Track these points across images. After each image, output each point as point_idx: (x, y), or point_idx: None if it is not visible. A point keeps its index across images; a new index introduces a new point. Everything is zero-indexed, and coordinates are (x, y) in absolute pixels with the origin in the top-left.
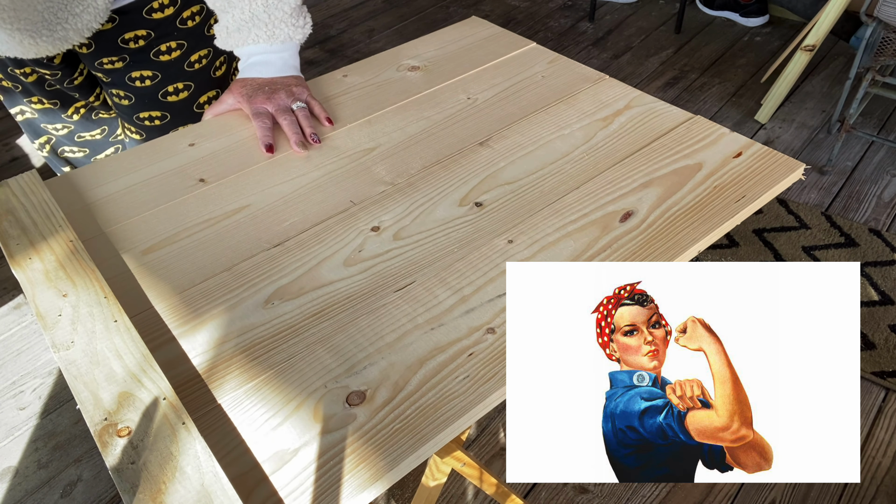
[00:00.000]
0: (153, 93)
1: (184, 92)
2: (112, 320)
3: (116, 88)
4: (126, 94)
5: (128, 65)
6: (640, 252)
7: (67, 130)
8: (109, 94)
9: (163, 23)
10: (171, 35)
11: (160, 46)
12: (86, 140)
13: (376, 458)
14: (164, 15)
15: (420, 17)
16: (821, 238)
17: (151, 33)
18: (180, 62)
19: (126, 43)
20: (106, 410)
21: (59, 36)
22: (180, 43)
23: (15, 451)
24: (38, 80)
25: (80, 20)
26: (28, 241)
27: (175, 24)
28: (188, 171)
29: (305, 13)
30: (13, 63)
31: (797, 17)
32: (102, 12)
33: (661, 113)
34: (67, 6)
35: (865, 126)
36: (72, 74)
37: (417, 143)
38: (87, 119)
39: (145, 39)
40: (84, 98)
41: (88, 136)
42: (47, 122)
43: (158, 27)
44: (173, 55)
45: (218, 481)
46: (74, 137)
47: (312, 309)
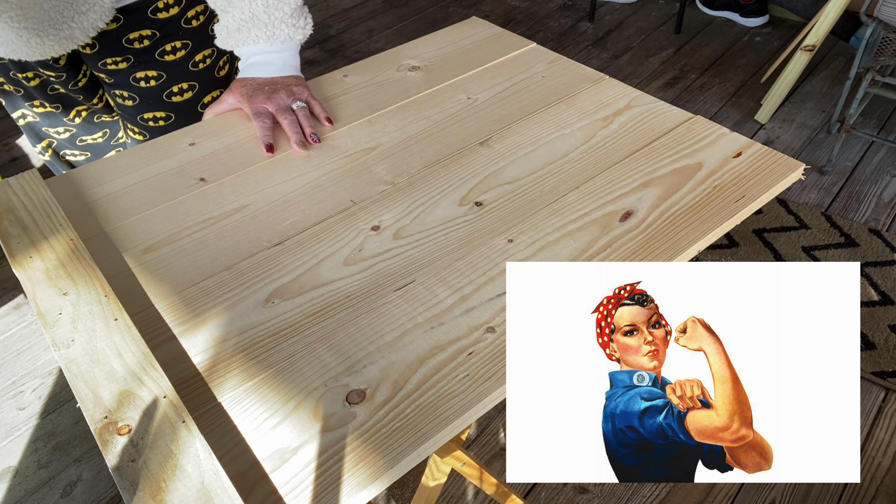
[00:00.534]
0: (158, 93)
1: (188, 92)
2: (112, 319)
3: (120, 89)
4: (130, 95)
5: (132, 65)
6: (639, 252)
7: (69, 134)
8: (113, 95)
9: (168, 22)
10: (175, 35)
11: (165, 46)
12: (87, 143)
13: (376, 456)
14: (170, 14)
15: (420, 17)
16: (821, 238)
17: (156, 33)
18: (185, 62)
19: (131, 43)
20: (106, 409)
21: (65, 35)
22: (185, 43)
23: (15, 451)
24: (41, 83)
25: (86, 19)
26: (29, 239)
27: (180, 24)
28: (188, 170)
29: (306, 14)
30: (16, 66)
31: (797, 17)
32: (108, 11)
33: (661, 113)
34: (73, 5)
35: (865, 126)
36: (76, 76)
37: (417, 142)
38: (88, 122)
39: (150, 39)
40: (87, 101)
41: (90, 140)
42: (49, 126)
43: (163, 27)
44: (178, 55)
45: (218, 479)
46: (76, 141)
47: (312, 308)
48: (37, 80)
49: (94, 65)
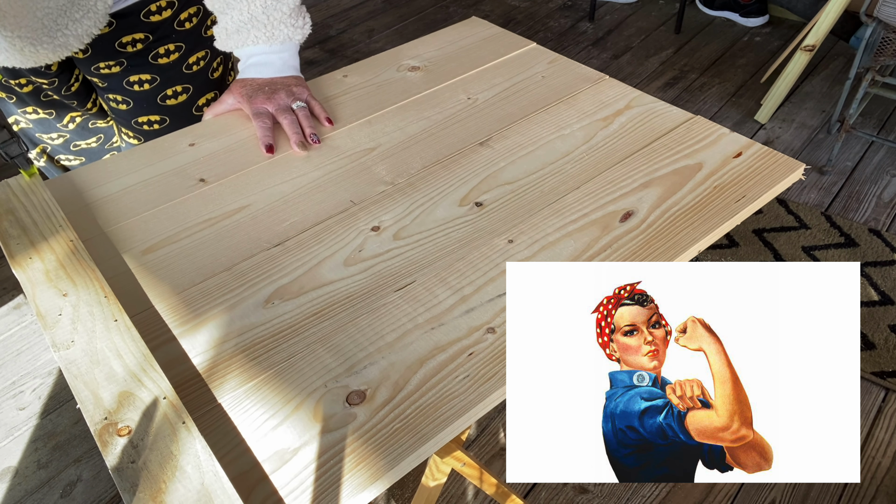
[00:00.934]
0: (152, 96)
1: (183, 95)
2: (112, 320)
3: (114, 93)
4: (124, 99)
5: (126, 69)
6: (640, 252)
7: (63, 140)
8: (106, 99)
9: (161, 25)
10: (169, 37)
11: (158, 49)
12: (82, 149)
13: (376, 457)
14: (163, 17)
15: (420, 17)
16: (821, 238)
17: (150, 36)
18: (179, 64)
19: (124, 46)
20: (106, 410)
21: (59, 42)
22: (178, 45)
23: (15, 451)
24: (34, 90)
25: (80, 26)
26: (28, 240)
27: (173, 27)
28: (188, 171)
29: (305, 13)
30: (8, 73)
31: (797, 17)
32: (102, 17)
33: (662, 113)
34: (67, 12)
35: (865, 126)
36: (67, 82)
37: (417, 143)
38: (82, 128)
39: (143, 42)
40: (80, 106)
41: (84, 145)
42: (42, 132)
43: (157, 30)
44: (172, 58)
45: (218, 480)
46: (70, 146)
47: (312, 308)
48: (29, 86)
49: (86, 69)
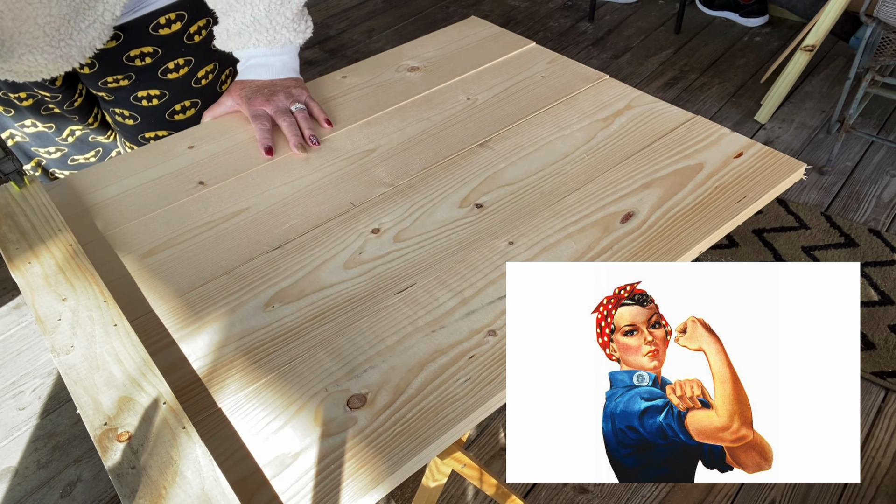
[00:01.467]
0: (160, 111)
1: (191, 110)
2: (112, 324)
3: (121, 108)
4: (132, 114)
5: (134, 83)
6: (641, 253)
7: (60, 154)
8: (112, 113)
9: (170, 39)
10: (178, 52)
11: (168, 64)
12: (79, 163)
13: (377, 461)
14: (172, 31)
15: (420, 18)
16: (821, 238)
17: (158, 50)
18: (188, 79)
19: (132, 60)
20: (106, 415)
21: (60, 53)
22: (188, 59)
23: (15, 451)
24: (35, 103)
25: (84, 36)
26: (27, 245)
27: (182, 41)
28: (187, 173)
29: (307, 17)
30: (9, 86)
31: (797, 17)
32: (108, 28)
33: (662, 113)
34: (71, 21)
35: (865, 126)
36: (72, 97)
37: (417, 144)
38: (81, 141)
39: (152, 57)
40: (82, 121)
41: (82, 159)
42: (39, 146)
43: (165, 44)
44: (181, 72)
45: (218, 486)
46: (67, 161)
47: (313, 312)
48: (30, 99)
49: (93, 84)
